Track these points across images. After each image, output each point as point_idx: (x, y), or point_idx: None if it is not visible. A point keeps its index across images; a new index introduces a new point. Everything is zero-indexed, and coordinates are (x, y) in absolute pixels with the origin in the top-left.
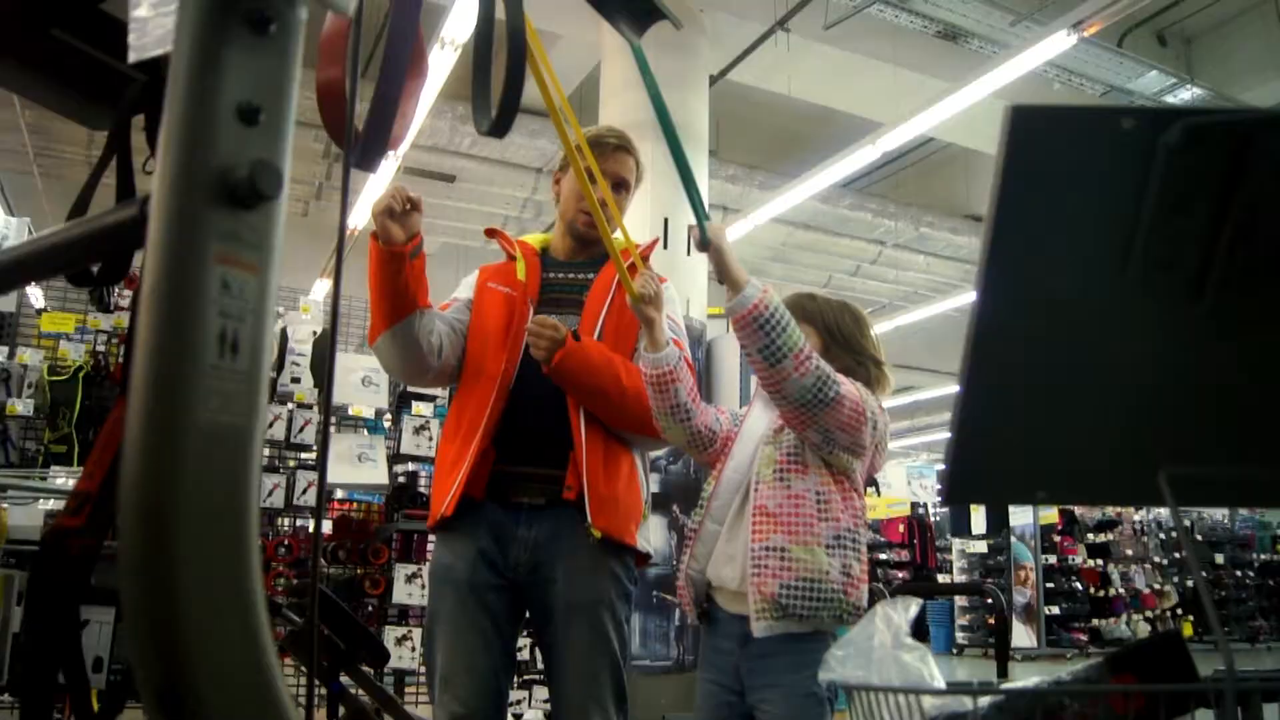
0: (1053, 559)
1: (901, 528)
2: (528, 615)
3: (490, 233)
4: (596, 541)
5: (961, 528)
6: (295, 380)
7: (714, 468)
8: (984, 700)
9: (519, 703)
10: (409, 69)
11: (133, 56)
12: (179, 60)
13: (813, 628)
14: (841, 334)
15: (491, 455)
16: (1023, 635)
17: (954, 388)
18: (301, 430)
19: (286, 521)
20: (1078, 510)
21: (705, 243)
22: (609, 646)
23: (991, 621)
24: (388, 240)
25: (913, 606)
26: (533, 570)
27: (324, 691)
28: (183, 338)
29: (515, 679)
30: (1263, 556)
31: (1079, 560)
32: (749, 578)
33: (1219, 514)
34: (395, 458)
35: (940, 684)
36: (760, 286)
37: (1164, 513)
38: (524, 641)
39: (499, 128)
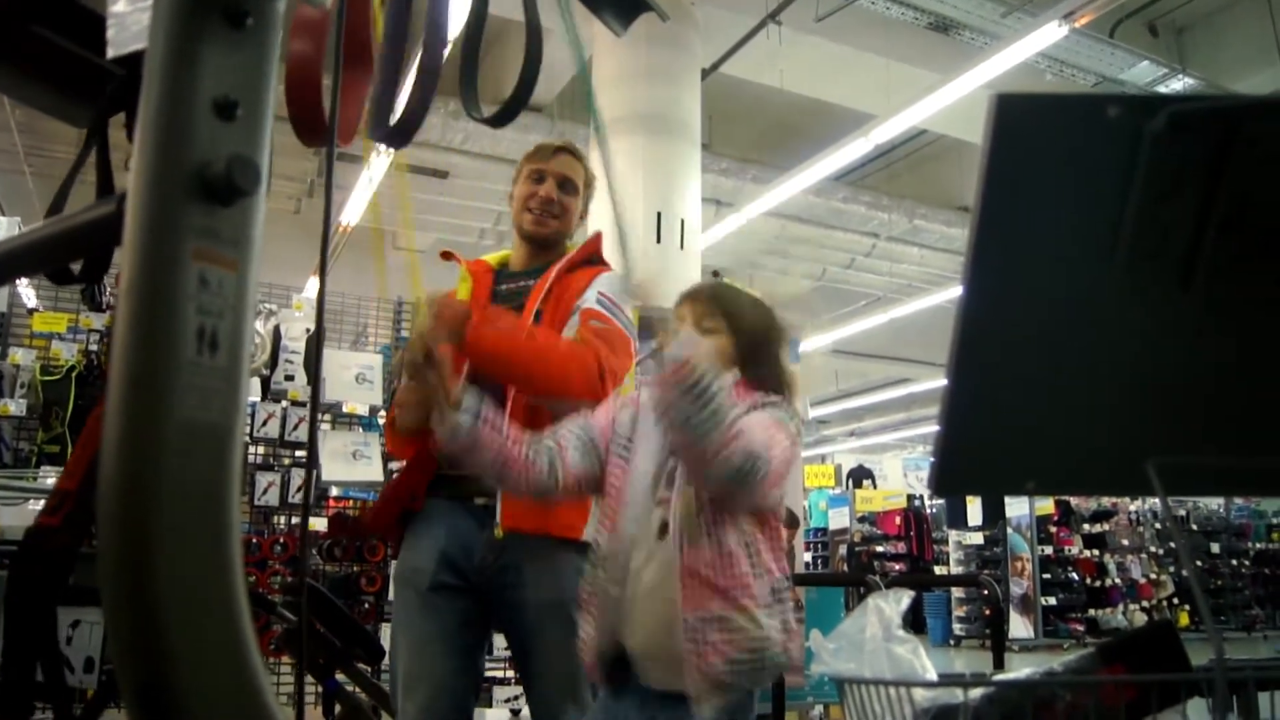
0: (1049, 550)
1: (898, 520)
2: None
3: (445, 255)
4: (555, 540)
5: (958, 519)
6: (289, 378)
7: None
8: (975, 692)
9: (518, 697)
10: (363, 63)
11: (111, 52)
12: (154, 55)
13: (749, 691)
14: (757, 347)
15: (431, 465)
16: (1020, 626)
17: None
18: (296, 428)
19: (281, 519)
20: (1073, 501)
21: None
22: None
23: (988, 613)
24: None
25: (904, 598)
26: (499, 572)
27: (320, 689)
28: (160, 335)
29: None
30: (1258, 545)
31: (1075, 551)
32: (686, 654)
33: (1214, 503)
34: (390, 454)
35: (932, 676)
36: (690, 351)
37: (1159, 502)
38: None
39: (502, 119)
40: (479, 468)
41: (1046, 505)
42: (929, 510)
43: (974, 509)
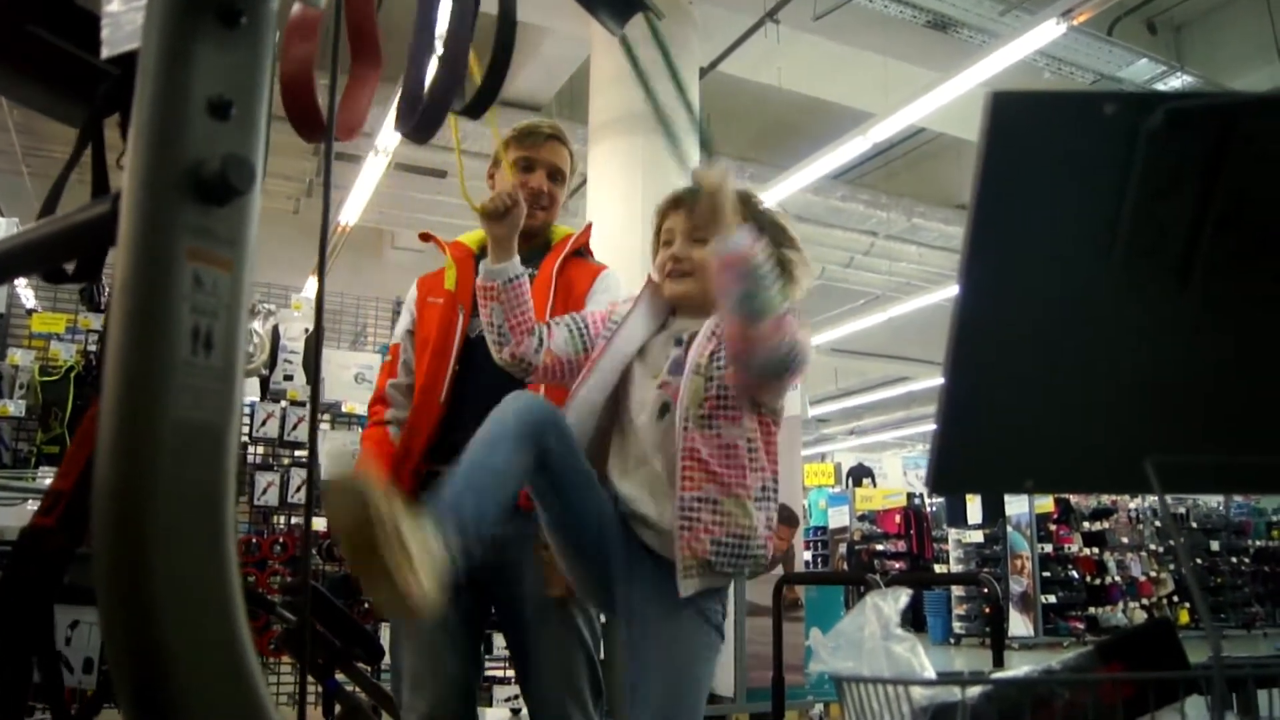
0: (1049, 548)
1: (898, 519)
2: (493, 612)
3: (424, 237)
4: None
5: (957, 518)
6: (288, 378)
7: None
8: (974, 690)
9: (517, 697)
10: (370, 60)
11: (106, 52)
12: (148, 54)
13: (727, 584)
14: (776, 240)
15: (424, 471)
16: (1020, 624)
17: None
18: (295, 428)
19: (281, 519)
20: (1073, 499)
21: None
22: (581, 640)
23: (988, 611)
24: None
25: (902, 597)
26: (498, 570)
27: (320, 689)
28: (154, 334)
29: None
30: (1258, 543)
31: (1075, 549)
32: (677, 531)
33: (1214, 500)
34: None
35: (930, 674)
36: (753, 237)
37: (1158, 500)
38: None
39: (475, 109)
40: (496, 312)
41: (1046, 503)
42: (929, 509)
43: (974, 507)
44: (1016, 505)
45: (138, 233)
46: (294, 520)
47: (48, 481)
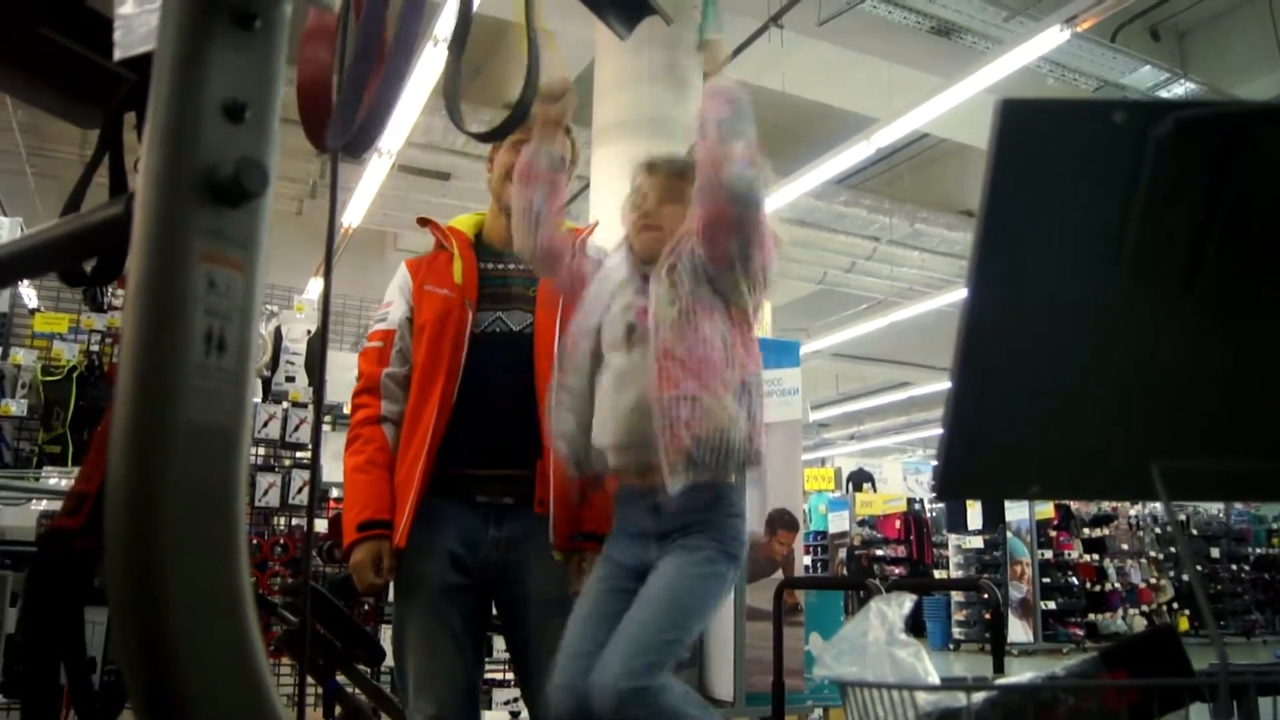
0: (1049, 554)
1: (898, 524)
2: (495, 612)
3: (423, 222)
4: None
5: (957, 523)
6: (290, 379)
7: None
8: (978, 696)
9: (517, 699)
10: (375, 65)
11: (118, 54)
12: (163, 57)
13: (716, 479)
14: None
15: (435, 469)
16: (1019, 630)
17: (949, 383)
18: (297, 429)
19: (282, 520)
20: (1073, 505)
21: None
22: None
23: (988, 617)
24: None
25: (906, 602)
26: (502, 569)
27: (320, 690)
28: (168, 336)
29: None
30: (1258, 550)
31: (1075, 555)
32: (659, 429)
33: (1215, 508)
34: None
35: (934, 680)
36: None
37: (1159, 507)
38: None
39: (495, 136)
40: (540, 192)
41: (1046, 509)
42: (929, 514)
43: (974, 513)
44: (1016, 511)
45: (152, 235)
46: (295, 522)
47: (51, 481)
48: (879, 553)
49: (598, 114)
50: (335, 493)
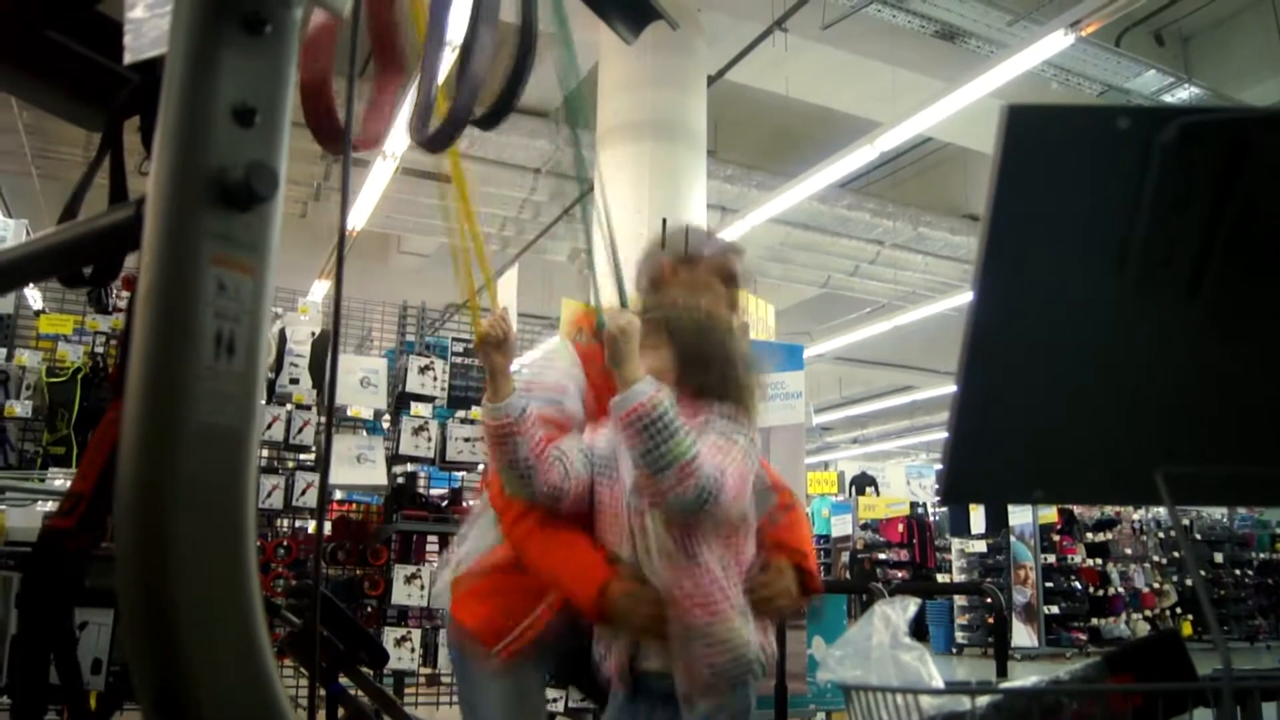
0: (1052, 558)
1: (900, 527)
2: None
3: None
4: None
5: (960, 527)
6: (294, 381)
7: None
8: (982, 700)
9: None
10: (393, 68)
11: (128, 58)
12: (174, 62)
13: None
14: (699, 357)
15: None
16: (1022, 634)
17: (952, 387)
18: (300, 431)
19: (285, 522)
20: (1077, 509)
21: (600, 328)
22: None
23: (991, 621)
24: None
25: (910, 606)
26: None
27: (324, 692)
28: (179, 339)
29: None
30: (1261, 555)
31: (1078, 559)
32: (674, 666)
33: (1218, 513)
34: (394, 458)
35: (938, 683)
36: (654, 387)
37: (1163, 512)
38: None
39: (490, 121)
40: (512, 456)
41: (1050, 513)
42: (932, 518)
43: (977, 517)
44: (1020, 515)
45: (162, 238)
46: (298, 524)
47: (56, 482)
48: (882, 556)
49: (601, 117)
50: (338, 495)
